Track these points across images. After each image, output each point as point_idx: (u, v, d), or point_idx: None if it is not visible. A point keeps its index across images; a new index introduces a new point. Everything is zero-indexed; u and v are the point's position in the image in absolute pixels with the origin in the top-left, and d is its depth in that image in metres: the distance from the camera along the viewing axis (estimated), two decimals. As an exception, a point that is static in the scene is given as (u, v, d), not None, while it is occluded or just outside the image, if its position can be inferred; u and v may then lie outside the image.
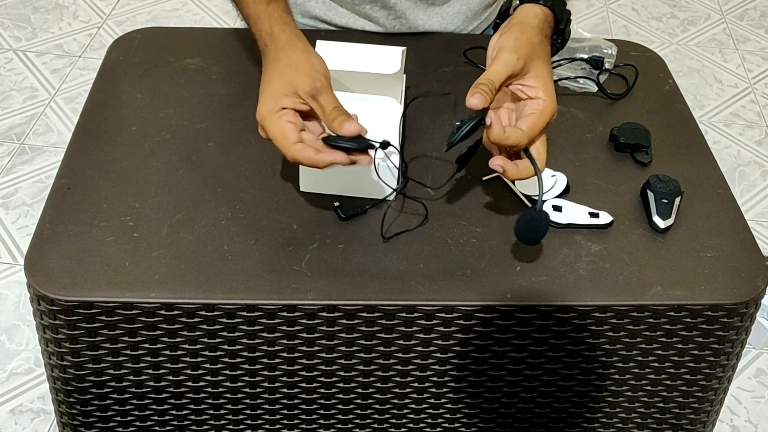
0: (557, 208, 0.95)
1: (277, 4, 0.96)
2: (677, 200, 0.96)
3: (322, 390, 0.93)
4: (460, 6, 1.24)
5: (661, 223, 0.94)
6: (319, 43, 0.97)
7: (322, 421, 0.97)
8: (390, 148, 0.94)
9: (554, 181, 0.98)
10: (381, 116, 0.96)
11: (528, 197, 0.97)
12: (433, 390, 0.94)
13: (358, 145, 0.82)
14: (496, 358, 0.91)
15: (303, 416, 0.97)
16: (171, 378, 0.91)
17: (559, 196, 0.98)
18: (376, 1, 1.18)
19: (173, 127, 1.04)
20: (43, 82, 2.46)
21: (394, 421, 0.97)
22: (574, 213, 0.95)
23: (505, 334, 0.89)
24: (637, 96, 1.15)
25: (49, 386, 0.95)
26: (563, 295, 0.87)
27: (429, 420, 0.98)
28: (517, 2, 0.93)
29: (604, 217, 0.95)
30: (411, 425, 0.98)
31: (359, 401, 0.95)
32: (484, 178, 1.00)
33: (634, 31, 2.86)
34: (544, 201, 0.96)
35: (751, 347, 1.87)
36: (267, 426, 0.97)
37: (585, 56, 1.19)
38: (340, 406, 0.96)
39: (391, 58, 0.97)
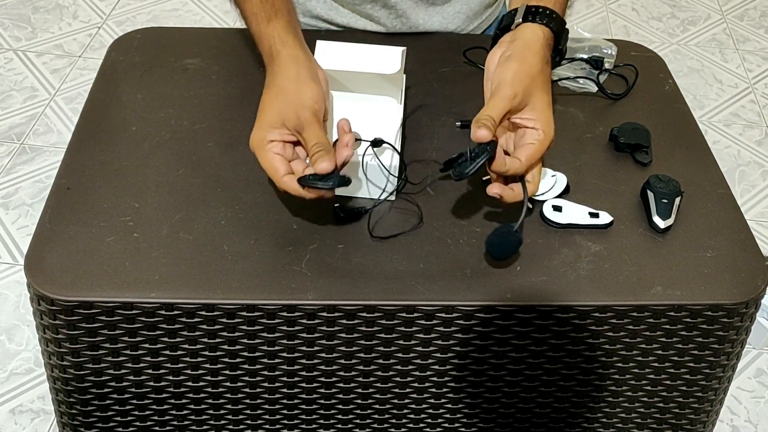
0: (557, 208, 0.95)
1: (278, 22, 0.94)
2: (677, 200, 0.96)
3: (322, 390, 0.93)
4: (460, 6, 1.24)
5: (661, 223, 0.94)
6: (319, 43, 0.97)
7: (322, 421, 0.97)
8: (390, 149, 0.95)
9: (554, 181, 0.98)
10: (381, 116, 0.96)
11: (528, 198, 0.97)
12: (433, 390, 0.94)
13: (332, 184, 0.84)
14: (496, 358, 0.91)
15: (303, 416, 0.97)
16: (171, 378, 0.91)
17: (559, 196, 0.98)
18: (377, 1, 1.18)
19: (173, 127, 1.04)
20: (43, 82, 2.46)
21: (394, 421, 0.97)
22: (574, 213, 0.95)
23: (505, 334, 0.89)
24: (637, 96, 1.15)
25: (49, 386, 0.95)
26: (563, 295, 0.87)
27: (429, 420, 0.98)
28: (520, 20, 0.92)
29: (604, 217, 0.95)
30: (411, 425, 0.98)
31: (359, 401, 0.95)
32: (483, 178, 1.00)
33: (634, 31, 2.86)
34: (543, 201, 0.96)
35: (751, 347, 1.87)
36: (267, 426, 0.97)
37: (585, 56, 1.19)
38: (340, 406, 0.96)
39: (391, 58, 0.97)
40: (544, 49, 0.90)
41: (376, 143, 0.93)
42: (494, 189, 0.87)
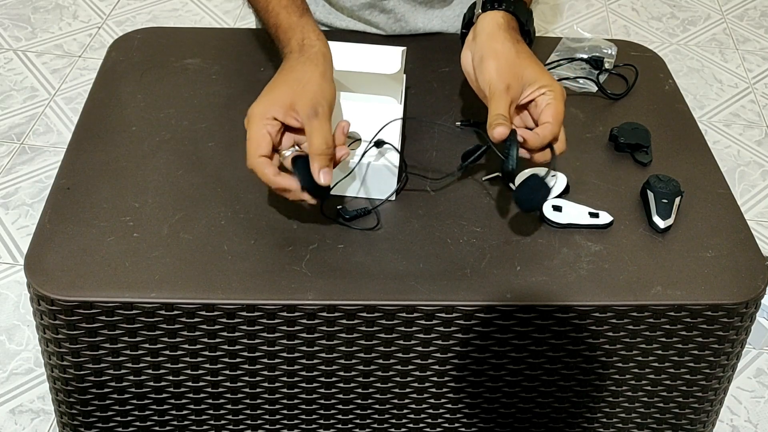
0: (557, 208, 0.95)
1: (309, 17, 0.96)
2: (677, 200, 0.96)
3: (322, 390, 0.93)
4: (461, 9, 1.24)
5: (661, 223, 0.94)
6: (319, 43, 0.96)
7: (322, 421, 0.97)
8: (390, 149, 0.95)
9: (554, 181, 0.98)
10: (381, 116, 0.96)
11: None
12: (433, 390, 0.94)
13: (315, 192, 0.85)
14: (496, 358, 0.91)
15: (303, 416, 0.97)
16: (171, 378, 0.91)
17: (559, 196, 0.98)
18: (375, 6, 1.18)
19: (173, 127, 1.04)
20: (43, 82, 2.46)
21: (394, 421, 0.97)
22: (574, 213, 0.95)
23: (505, 334, 0.89)
24: (637, 96, 1.15)
25: (49, 386, 0.95)
26: (563, 295, 0.87)
27: (429, 420, 0.98)
28: (479, 11, 0.95)
29: (604, 217, 0.95)
30: (411, 425, 0.98)
31: (359, 401, 0.95)
32: (484, 178, 1.00)
33: (634, 31, 2.86)
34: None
35: (751, 347, 1.87)
36: (267, 426, 0.97)
37: (585, 56, 1.19)
38: (340, 406, 0.96)
39: (391, 58, 0.97)
40: (507, 32, 0.93)
41: (378, 144, 0.93)
42: (518, 133, 0.88)
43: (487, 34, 0.92)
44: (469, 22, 0.97)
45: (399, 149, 0.95)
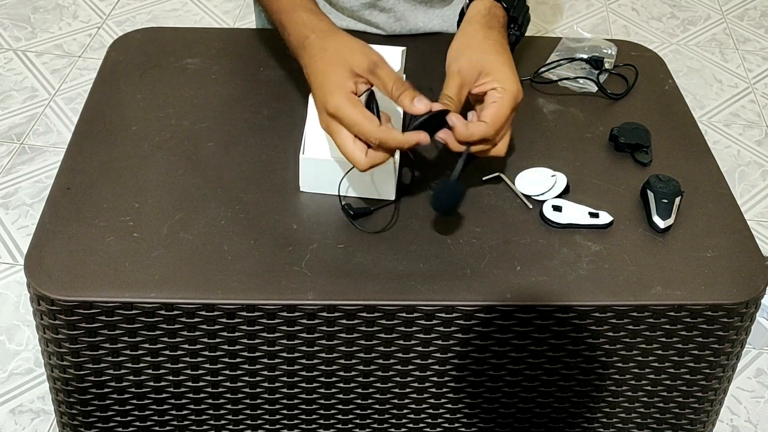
0: (557, 208, 0.95)
1: (310, 1, 0.95)
2: (677, 200, 0.96)
3: (322, 390, 0.93)
4: (461, 8, 1.24)
5: (661, 223, 0.94)
6: (319, 43, 0.96)
7: (322, 421, 0.97)
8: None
9: (554, 181, 0.98)
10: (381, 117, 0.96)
11: (528, 197, 0.97)
12: (433, 390, 0.94)
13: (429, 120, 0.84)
14: (496, 358, 0.91)
15: (303, 416, 0.97)
16: (171, 378, 0.91)
17: (559, 196, 0.98)
18: (375, 6, 1.18)
19: (173, 127, 1.04)
20: (43, 82, 2.46)
21: (394, 421, 0.97)
22: (574, 213, 0.95)
23: (505, 334, 0.89)
24: (637, 96, 1.15)
25: (49, 386, 0.95)
26: (563, 295, 0.87)
27: (429, 420, 0.98)
28: (468, 1, 0.96)
29: (604, 217, 0.95)
30: (411, 425, 0.98)
31: (359, 401, 0.95)
32: (484, 178, 1.00)
33: (634, 31, 2.86)
34: (543, 201, 0.96)
35: (751, 347, 1.87)
36: (267, 426, 0.97)
37: (585, 56, 1.19)
38: (340, 406, 0.96)
39: (391, 58, 0.97)
40: (484, 19, 0.93)
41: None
42: (440, 134, 0.87)
43: (466, 20, 0.94)
44: (462, 15, 0.99)
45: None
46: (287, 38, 0.94)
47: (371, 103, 0.86)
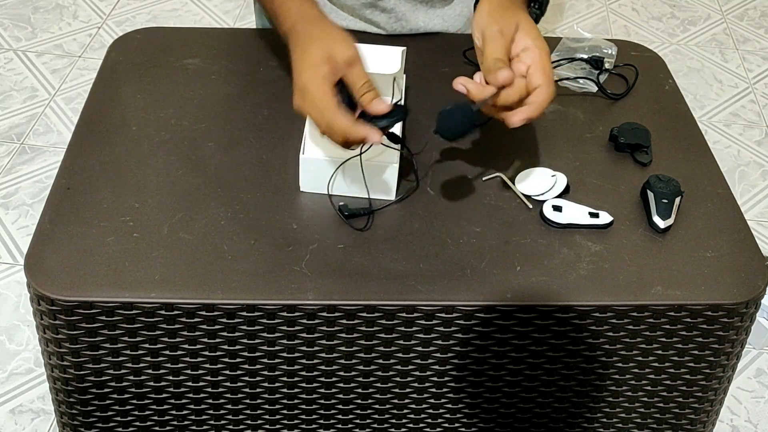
0: (557, 208, 0.95)
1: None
2: (677, 200, 0.96)
3: (322, 390, 0.93)
4: (461, 8, 1.24)
5: (661, 223, 0.94)
6: (319, 43, 0.96)
7: (322, 421, 0.97)
8: (390, 149, 0.95)
9: (554, 181, 0.98)
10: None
11: (528, 197, 0.97)
12: (433, 390, 0.94)
13: (398, 118, 0.83)
14: (496, 358, 0.91)
15: (303, 416, 0.97)
16: (171, 378, 0.91)
17: (559, 196, 0.98)
18: (376, 6, 1.18)
19: (173, 127, 1.04)
20: (43, 82, 2.46)
21: (394, 421, 0.97)
22: (574, 213, 0.95)
23: (505, 334, 0.89)
24: (637, 96, 1.15)
25: (49, 386, 0.95)
26: (563, 295, 0.87)
27: (429, 420, 0.98)
28: None
29: (604, 217, 0.95)
30: (411, 425, 0.98)
31: (359, 401, 0.95)
32: (484, 179, 1.00)
33: (634, 31, 2.86)
34: (544, 201, 0.96)
35: (751, 347, 1.87)
36: (267, 426, 0.97)
37: (585, 56, 1.19)
38: (340, 406, 0.96)
39: (391, 58, 0.97)
40: None
41: (393, 139, 0.91)
42: (459, 80, 0.86)
43: None
44: None
45: (399, 149, 0.95)
46: (279, 28, 0.95)
47: (343, 92, 0.85)
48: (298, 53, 0.88)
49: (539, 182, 0.99)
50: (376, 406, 0.96)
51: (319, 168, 0.94)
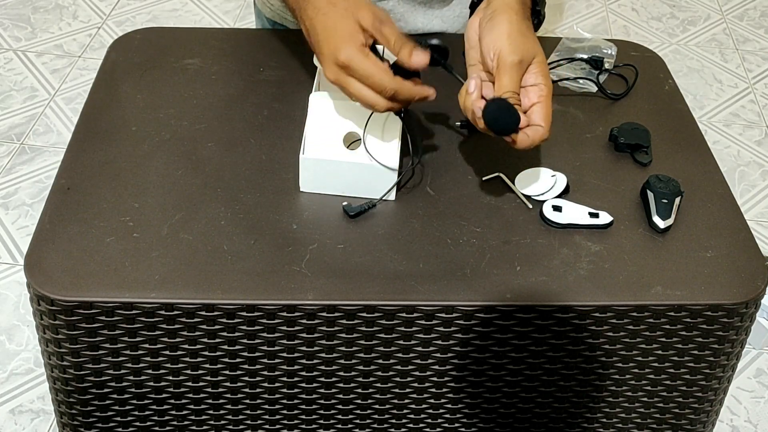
0: (557, 208, 0.95)
1: None
2: (677, 200, 0.96)
3: (322, 390, 0.94)
4: (460, 9, 1.24)
5: (661, 223, 0.94)
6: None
7: (322, 421, 0.97)
8: (390, 148, 0.95)
9: (554, 181, 0.98)
10: (381, 116, 0.96)
11: (528, 197, 0.97)
12: (433, 390, 0.94)
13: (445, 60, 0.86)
14: (496, 358, 0.91)
15: (303, 416, 0.97)
16: (171, 378, 0.91)
17: (559, 196, 0.98)
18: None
19: (173, 127, 1.04)
20: (43, 82, 2.46)
21: (394, 421, 0.97)
22: (574, 213, 0.95)
23: (505, 334, 0.89)
24: (637, 96, 1.15)
25: (49, 386, 0.95)
26: (563, 295, 0.87)
27: (429, 420, 0.98)
28: None
29: (604, 217, 0.95)
30: (411, 425, 0.98)
31: (359, 401, 0.95)
32: (484, 179, 1.00)
33: (634, 31, 2.86)
34: (543, 201, 0.96)
35: (751, 347, 1.87)
36: (267, 426, 0.97)
37: (585, 56, 1.19)
38: (340, 406, 0.96)
39: (390, 58, 0.97)
40: (520, 5, 0.91)
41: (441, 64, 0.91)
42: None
43: (503, 2, 0.90)
44: None
45: (399, 149, 0.95)
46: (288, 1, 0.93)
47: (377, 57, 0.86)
48: (324, 25, 0.86)
49: (539, 182, 0.99)
50: (376, 406, 0.96)
51: (319, 168, 0.94)
